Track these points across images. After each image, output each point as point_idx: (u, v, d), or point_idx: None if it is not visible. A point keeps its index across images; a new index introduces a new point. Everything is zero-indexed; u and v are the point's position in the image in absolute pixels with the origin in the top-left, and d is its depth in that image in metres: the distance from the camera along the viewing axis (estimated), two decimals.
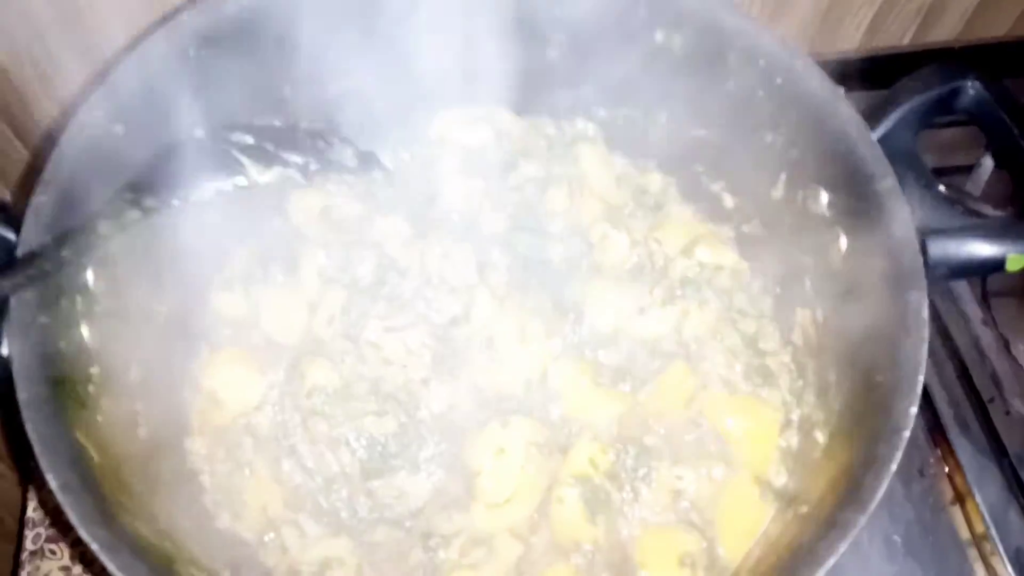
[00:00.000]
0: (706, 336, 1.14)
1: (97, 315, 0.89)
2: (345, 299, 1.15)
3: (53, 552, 1.23)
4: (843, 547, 0.69)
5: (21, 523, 1.26)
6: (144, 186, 0.91)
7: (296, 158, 1.01)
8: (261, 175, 0.94)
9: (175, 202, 0.92)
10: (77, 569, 1.22)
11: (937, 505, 1.24)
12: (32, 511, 1.26)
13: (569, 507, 1.00)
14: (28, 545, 1.24)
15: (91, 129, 0.90)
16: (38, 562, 1.22)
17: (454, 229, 1.20)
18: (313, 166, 1.04)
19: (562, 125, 1.27)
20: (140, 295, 1.00)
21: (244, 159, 0.95)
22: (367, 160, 1.19)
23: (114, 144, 0.92)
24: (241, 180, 0.96)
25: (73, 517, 0.69)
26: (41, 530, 1.24)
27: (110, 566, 0.68)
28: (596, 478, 1.02)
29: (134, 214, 0.88)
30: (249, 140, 0.98)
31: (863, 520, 0.70)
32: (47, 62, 1.24)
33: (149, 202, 0.90)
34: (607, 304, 1.15)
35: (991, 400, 1.28)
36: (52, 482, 0.71)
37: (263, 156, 0.98)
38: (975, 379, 1.30)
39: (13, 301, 0.80)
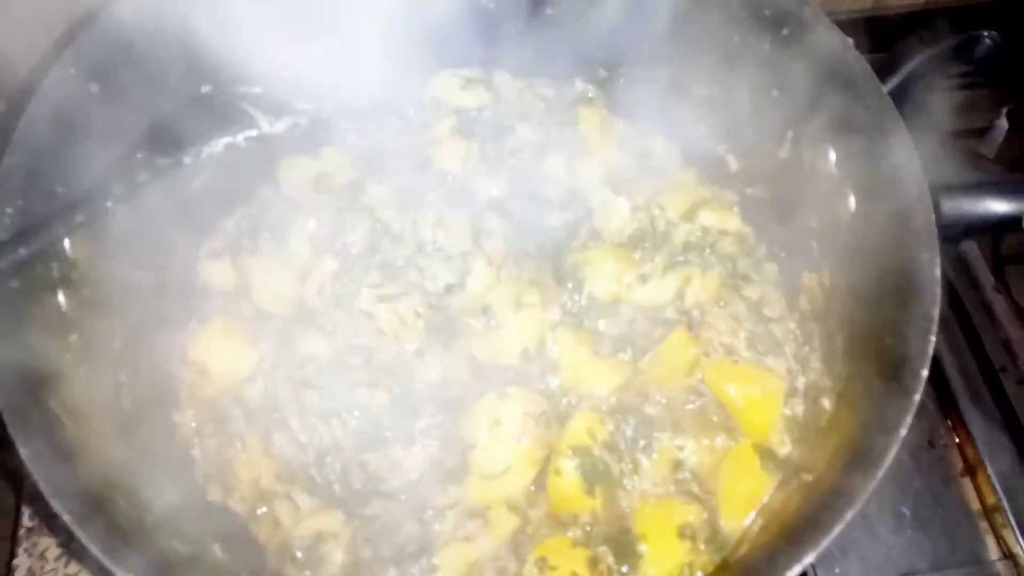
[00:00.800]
0: (709, 303, 1.11)
1: (75, 282, 0.87)
2: (337, 267, 1.12)
3: (51, 528, 1.21)
4: (850, 514, 0.66)
5: (18, 499, 1.24)
6: (155, 145, 0.88)
7: (307, 105, 0.98)
8: (272, 125, 0.91)
9: (187, 160, 0.89)
10: (76, 544, 1.19)
11: (947, 477, 1.21)
12: (29, 487, 1.24)
13: (566, 479, 0.98)
14: (25, 522, 1.22)
15: (64, 88, 0.87)
16: (35, 538, 1.21)
17: (449, 195, 1.17)
18: (326, 112, 1.00)
19: (561, 87, 1.24)
20: (123, 263, 0.97)
21: (253, 110, 0.91)
22: (381, 104, 1.14)
23: (91, 104, 0.89)
24: (252, 132, 0.93)
25: (44, 487, 0.67)
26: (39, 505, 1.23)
27: (81, 536, 0.65)
28: (595, 449, 0.99)
29: (145, 175, 0.85)
30: (258, 90, 0.95)
31: (871, 486, 0.67)
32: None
33: (161, 161, 0.87)
34: (607, 272, 1.12)
35: (1003, 369, 1.25)
36: (22, 452, 0.68)
37: (273, 105, 0.94)
38: (987, 347, 1.27)
39: None
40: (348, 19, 1.09)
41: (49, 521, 1.21)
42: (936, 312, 0.75)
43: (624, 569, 0.94)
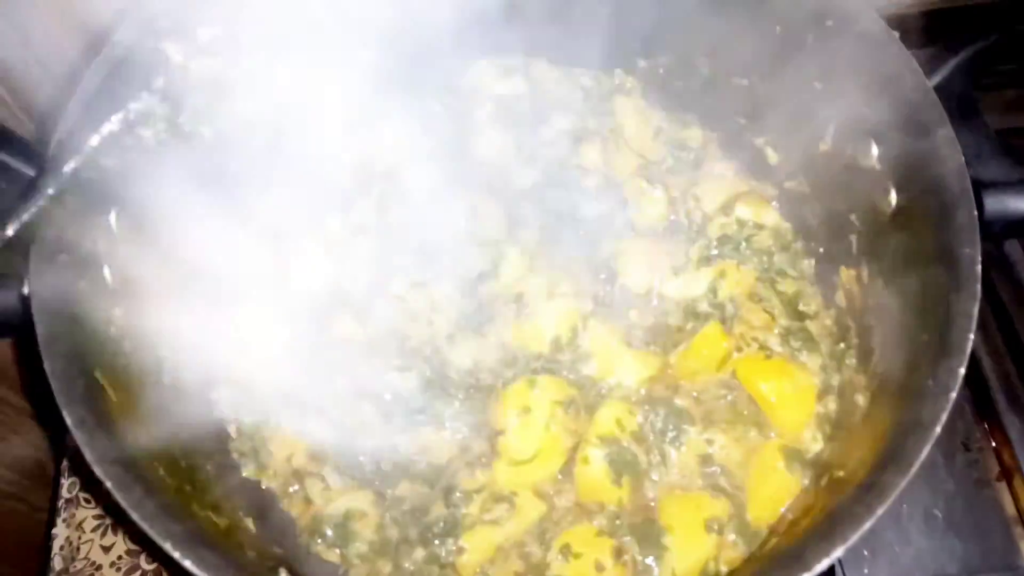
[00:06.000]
0: (743, 297, 1.10)
1: (120, 257, 0.89)
2: (372, 252, 1.14)
3: (87, 500, 1.24)
4: (881, 510, 0.65)
5: (57, 471, 1.28)
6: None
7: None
8: (182, 48, 0.85)
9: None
10: (112, 516, 1.23)
11: (982, 480, 1.18)
12: (68, 460, 1.27)
13: (594, 467, 0.98)
14: (64, 493, 1.26)
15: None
16: (73, 509, 1.24)
17: (484, 182, 1.17)
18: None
19: (599, 76, 1.23)
20: (165, 242, 0.99)
21: (163, 43, 0.84)
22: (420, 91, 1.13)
23: None
24: (160, 79, 0.86)
25: (87, 453, 0.69)
26: (76, 479, 1.26)
27: (122, 502, 0.67)
28: (623, 439, 0.99)
29: (74, 162, 0.81)
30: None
31: (903, 483, 0.66)
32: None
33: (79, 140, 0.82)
34: (641, 263, 1.12)
35: None
36: (67, 418, 0.70)
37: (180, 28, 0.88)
38: None
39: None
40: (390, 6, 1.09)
41: (90, 489, 1.25)
42: (975, 310, 0.74)
43: (648, 560, 0.94)
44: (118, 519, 1.22)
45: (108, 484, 0.68)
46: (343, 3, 1.05)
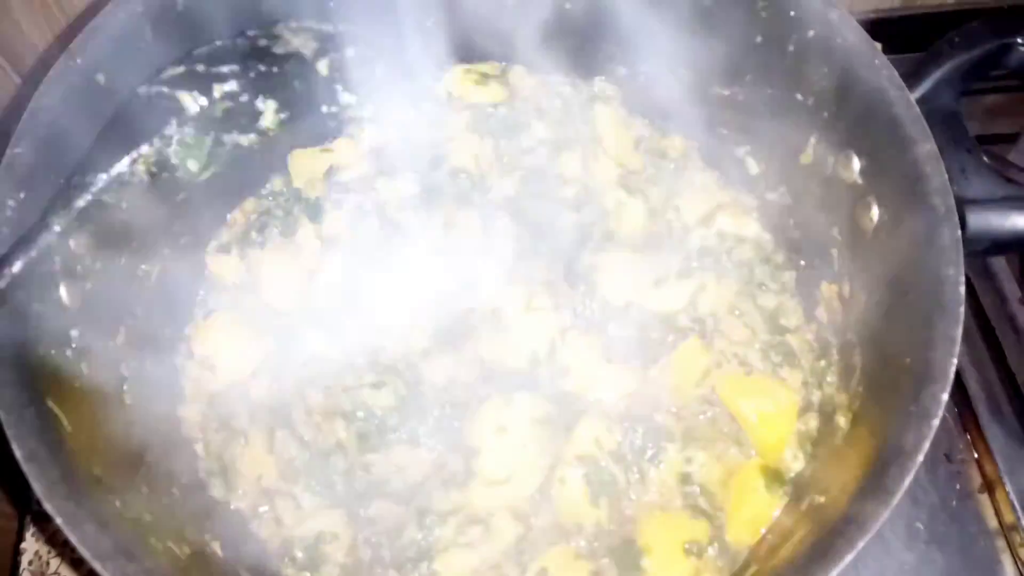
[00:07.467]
0: (723, 311, 1.08)
1: (78, 275, 0.85)
2: (344, 264, 1.11)
3: None
4: (862, 543, 0.64)
5: (27, 483, 1.25)
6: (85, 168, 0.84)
7: (232, 67, 0.90)
8: (199, 101, 0.86)
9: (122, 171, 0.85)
10: None
11: (964, 492, 1.18)
12: None
13: (571, 488, 0.96)
14: (34, 505, 1.22)
15: (71, 79, 0.85)
16: (43, 522, 1.21)
17: (461, 192, 1.15)
18: (252, 71, 0.92)
19: (578, 84, 1.21)
20: (127, 255, 0.96)
21: (179, 92, 0.86)
22: (395, 97, 1.11)
23: (96, 95, 0.87)
24: (173, 125, 0.86)
25: (36, 488, 0.66)
26: None
27: (73, 539, 0.64)
28: (601, 459, 0.97)
29: (82, 200, 0.81)
30: (180, 69, 0.89)
31: (885, 514, 0.65)
32: None
33: (90, 179, 0.82)
34: (620, 275, 1.10)
35: None
36: (16, 451, 0.67)
37: (196, 80, 0.88)
38: (1010, 360, 1.23)
39: None
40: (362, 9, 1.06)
41: None
42: (959, 333, 0.72)
43: None
44: None
45: (59, 520, 0.65)
46: None
